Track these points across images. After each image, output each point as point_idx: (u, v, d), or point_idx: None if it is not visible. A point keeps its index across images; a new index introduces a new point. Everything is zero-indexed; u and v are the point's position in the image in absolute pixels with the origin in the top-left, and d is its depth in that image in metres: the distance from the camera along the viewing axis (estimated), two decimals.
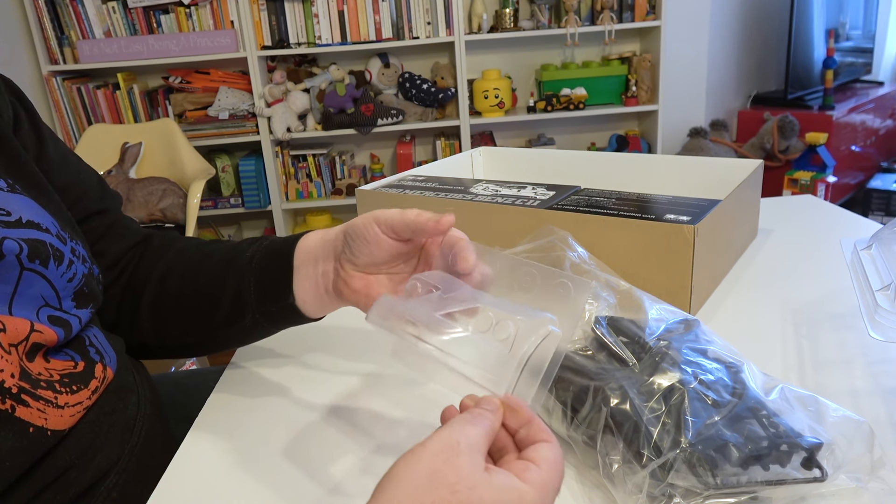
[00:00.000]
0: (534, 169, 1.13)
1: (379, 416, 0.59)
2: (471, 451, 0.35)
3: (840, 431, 0.44)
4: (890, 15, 3.98)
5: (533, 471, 0.36)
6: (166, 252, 0.66)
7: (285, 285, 0.57)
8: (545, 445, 0.37)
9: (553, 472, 0.36)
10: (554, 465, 0.36)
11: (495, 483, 0.34)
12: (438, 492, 0.33)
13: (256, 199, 2.89)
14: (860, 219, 1.01)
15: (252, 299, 0.59)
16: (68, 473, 0.49)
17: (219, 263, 0.61)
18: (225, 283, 0.60)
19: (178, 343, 0.66)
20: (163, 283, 0.63)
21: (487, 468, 0.35)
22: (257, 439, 0.57)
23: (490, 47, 2.99)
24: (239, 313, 0.60)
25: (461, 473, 0.34)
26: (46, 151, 0.60)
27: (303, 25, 2.73)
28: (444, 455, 0.34)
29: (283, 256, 0.58)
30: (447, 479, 0.33)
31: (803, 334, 0.67)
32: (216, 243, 0.65)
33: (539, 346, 0.39)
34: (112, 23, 2.67)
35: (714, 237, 0.74)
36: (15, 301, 0.47)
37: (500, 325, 0.40)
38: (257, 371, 0.69)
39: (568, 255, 0.59)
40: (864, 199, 3.42)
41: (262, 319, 0.60)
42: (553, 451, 0.37)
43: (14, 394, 0.45)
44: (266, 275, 0.58)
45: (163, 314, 0.63)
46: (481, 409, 0.38)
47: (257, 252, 0.60)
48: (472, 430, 0.36)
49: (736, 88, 3.44)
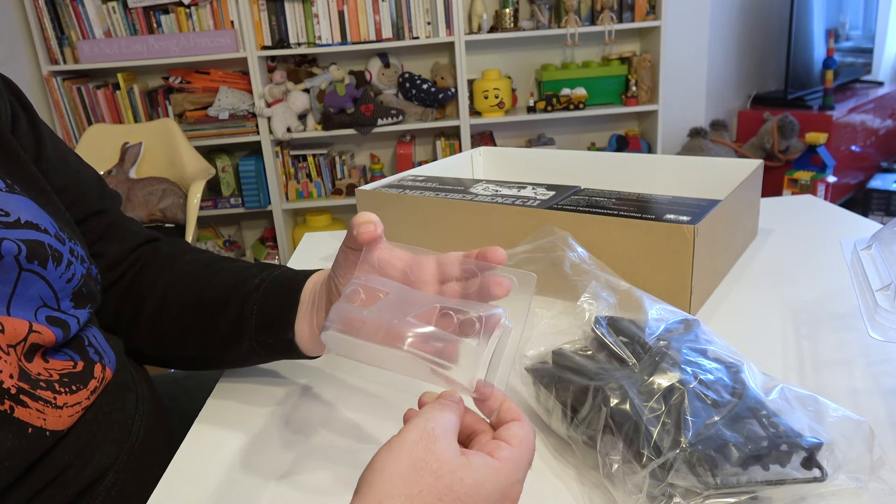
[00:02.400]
0: (534, 169, 1.13)
1: (380, 416, 0.59)
2: (445, 435, 0.37)
3: (840, 431, 0.44)
4: (890, 15, 3.98)
5: (504, 448, 0.38)
6: (173, 263, 0.65)
7: (287, 320, 0.57)
8: (516, 424, 0.40)
9: (523, 447, 0.38)
10: (524, 440, 0.39)
11: (473, 464, 0.36)
12: (424, 479, 0.35)
13: (256, 199, 2.89)
14: (860, 219, 1.00)
15: (252, 327, 0.58)
16: (66, 472, 0.49)
17: (224, 285, 0.61)
18: (227, 306, 0.59)
19: (173, 356, 0.66)
20: (165, 296, 0.63)
21: (463, 451, 0.37)
22: (258, 439, 0.57)
23: (490, 47, 2.99)
24: (237, 338, 0.59)
25: (442, 458, 0.36)
26: (45, 151, 0.60)
27: (303, 25, 2.73)
28: (423, 443, 0.36)
29: (290, 292, 0.57)
30: (430, 466, 0.35)
31: (803, 334, 0.67)
32: (225, 262, 0.65)
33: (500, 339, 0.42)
34: (112, 23, 2.67)
35: (714, 237, 0.74)
36: (13, 301, 0.47)
37: (465, 322, 0.42)
38: (258, 371, 0.69)
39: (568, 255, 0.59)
40: (864, 199, 3.42)
41: (259, 349, 0.59)
42: (523, 429, 0.39)
43: (13, 394, 0.45)
44: (270, 307, 0.58)
45: (162, 327, 0.63)
46: (445, 399, 0.40)
47: (265, 281, 0.59)
48: (443, 416, 0.38)
49: (736, 88, 3.44)
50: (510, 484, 0.37)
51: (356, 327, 0.43)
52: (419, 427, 0.37)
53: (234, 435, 0.58)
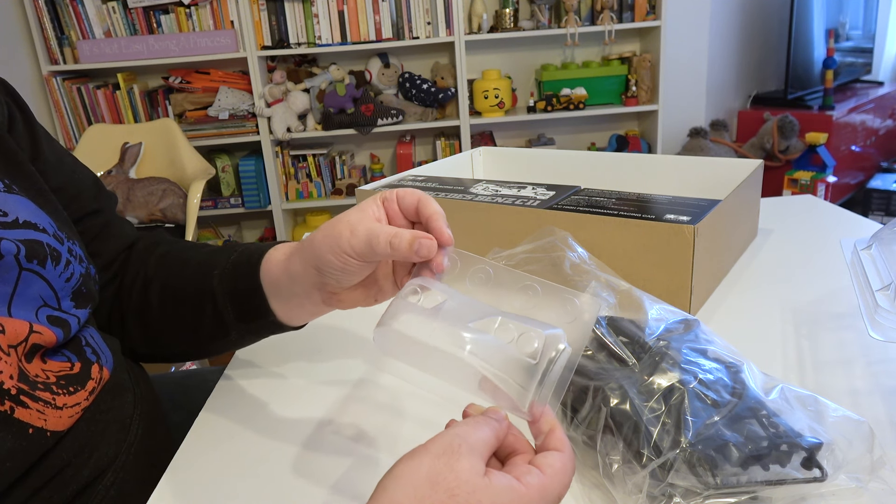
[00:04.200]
0: (534, 169, 1.13)
1: (381, 415, 0.59)
2: (471, 454, 0.35)
3: (840, 431, 0.44)
4: (890, 15, 3.98)
5: (534, 475, 0.36)
6: (147, 258, 0.64)
7: (261, 306, 0.56)
8: (555, 454, 0.38)
9: (555, 480, 0.36)
10: (558, 473, 0.37)
11: (493, 486, 0.35)
12: (437, 495, 0.34)
13: (256, 199, 2.89)
14: (860, 219, 1.00)
15: (232, 319, 0.58)
16: (65, 472, 0.49)
17: (194, 280, 0.60)
18: (202, 302, 0.58)
19: (167, 353, 0.65)
20: (146, 292, 0.62)
21: (488, 472, 0.36)
22: (258, 439, 0.57)
23: (490, 47, 2.99)
24: (223, 331, 0.59)
25: (461, 477, 0.34)
26: (41, 152, 0.60)
27: (303, 25, 2.73)
28: (445, 458, 0.35)
29: (249, 279, 0.55)
30: (447, 482, 0.34)
31: (803, 334, 0.67)
32: (193, 250, 0.63)
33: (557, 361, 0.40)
34: (112, 23, 2.67)
35: (714, 237, 0.74)
36: (14, 302, 0.47)
37: (525, 336, 0.40)
38: (258, 370, 0.69)
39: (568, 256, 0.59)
40: (864, 199, 3.42)
41: (247, 333, 0.59)
42: (560, 461, 0.37)
43: (13, 395, 0.45)
44: (239, 298, 0.57)
45: (149, 325, 0.63)
46: (486, 417, 0.39)
47: (225, 271, 0.58)
48: (474, 434, 0.37)
49: (736, 88, 3.44)
50: None
51: (415, 327, 0.42)
52: (445, 441, 0.36)
53: (233, 435, 0.58)
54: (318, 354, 0.71)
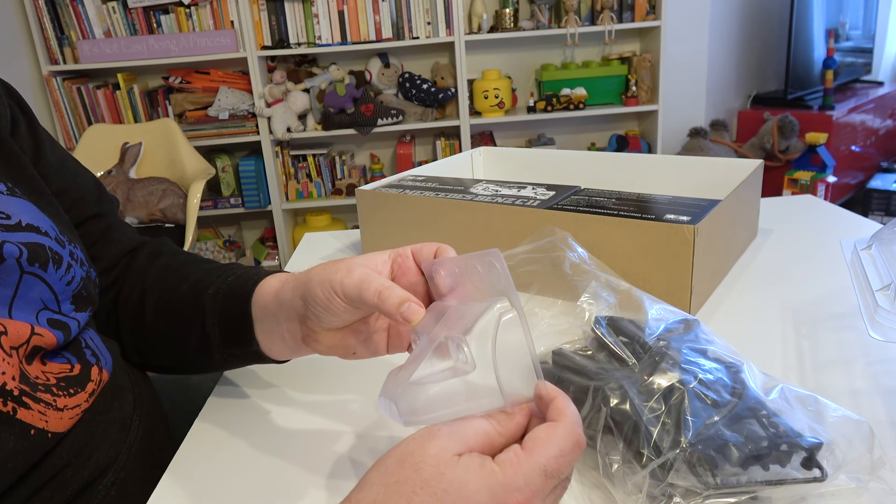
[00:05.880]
0: (534, 169, 1.13)
1: (381, 416, 0.59)
2: (448, 437, 0.36)
3: (840, 431, 0.44)
4: (890, 15, 3.98)
5: (509, 452, 0.35)
6: (148, 268, 0.64)
7: (247, 333, 0.55)
8: (542, 426, 0.37)
9: (536, 453, 0.35)
10: (541, 443, 0.36)
11: (461, 462, 0.35)
12: (404, 471, 0.35)
13: (256, 199, 2.89)
14: (860, 219, 1.00)
15: (218, 341, 0.57)
16: (65, 472, 0.49)
17: (189, 295, 0.59)
18: (192, 320, 0.58)
19: (156, 364, 0.65)
20: (142, 303, 0.62)
21: (462, 454, 0.35)
22: (258, 439, 0.57)
23: (490, 47, 2.99)
24: (208, 352, 0.58)
25: (429, 453, 0.35)
26: (44, 155, 0.60)
27: (303, 25, 2.73)
28: (419, 440, 0.36)
29: (240, 303, 0.55)
30: (414, 459, 0.35)
31: (803, 334, 0.67)
32: (191, 266, 0.63)
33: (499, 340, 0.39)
34: (112, 23, 2.67)
35: (714, 237, 0.74)
36: (15, 304, 0.47)
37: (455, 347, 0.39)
38: (259, 371, 0.69)
39: (568, 256, 0.59)
40: (864, 199, 3.42)
41: (231, 358, 0.58)
42: (546, 430, 0.36)
43: (16, 396, 0.45)
44: (227, 321, 0.56)
45: (141, 336, 0.63)
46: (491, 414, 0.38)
47: (219, 292, 0.57)
48: (463, 423, 0.37)
49: (736, 88, 3.44)
50: (507, 489, 0.34)
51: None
52: (429, 428, 0.37)
53: (234, 435, 0.58)
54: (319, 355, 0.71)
